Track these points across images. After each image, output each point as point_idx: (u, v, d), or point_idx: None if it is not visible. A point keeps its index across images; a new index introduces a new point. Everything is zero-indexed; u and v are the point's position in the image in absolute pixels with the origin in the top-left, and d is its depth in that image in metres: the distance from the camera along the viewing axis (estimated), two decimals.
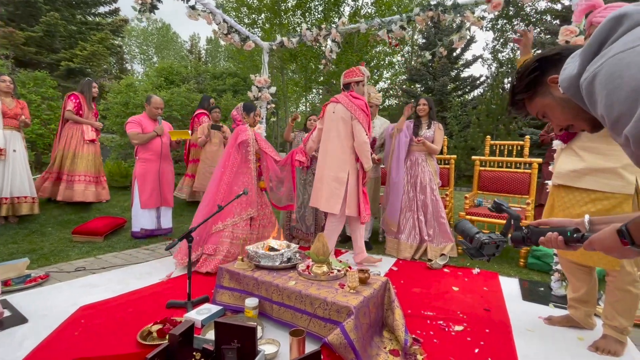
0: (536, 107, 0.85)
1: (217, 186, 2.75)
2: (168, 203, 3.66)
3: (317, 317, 1.61)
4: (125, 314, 1.90)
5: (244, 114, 2.91)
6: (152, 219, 3.57)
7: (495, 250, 0.98)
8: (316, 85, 12.93)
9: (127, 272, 2.58)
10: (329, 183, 2.74)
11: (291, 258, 2.05)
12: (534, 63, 0.82)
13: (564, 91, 0.69)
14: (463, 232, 1.07)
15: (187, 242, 1.96)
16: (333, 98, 2.83)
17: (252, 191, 2.79)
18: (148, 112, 3.57)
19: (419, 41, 15.71)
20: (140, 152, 3.55)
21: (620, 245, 0.68)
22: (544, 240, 0.88)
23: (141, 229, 3.51)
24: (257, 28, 9.71)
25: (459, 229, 1.08)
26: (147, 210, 3.52)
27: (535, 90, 0.83)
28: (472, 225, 1.08)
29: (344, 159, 2.72)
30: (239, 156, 2.81)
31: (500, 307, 2.15)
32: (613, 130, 0.58)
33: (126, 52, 27.54)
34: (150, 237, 3.55)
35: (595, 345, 1.67)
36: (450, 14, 2.69)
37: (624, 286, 1.60)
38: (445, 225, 3.24)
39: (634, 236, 0.65)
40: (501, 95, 10.62)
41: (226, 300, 1.97)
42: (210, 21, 3.27)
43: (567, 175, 1.64)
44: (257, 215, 2.87)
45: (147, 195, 3.47)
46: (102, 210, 4.58)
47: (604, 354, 1.62)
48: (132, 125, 3.46)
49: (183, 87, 6.96)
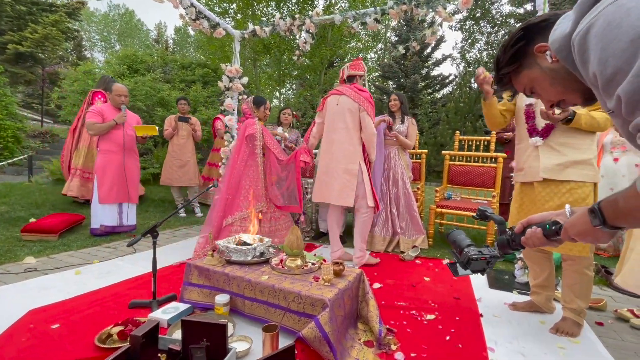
0: (523, 82, 0.78)
1: (227, 180, 2.77)
2: (132, 199, 3.44)
3: (291, 311, 1.57)
4: (82, 316, 1.75)
5: (254, 107, 2.91)
6: (113, 215, 3.34)
7: (486, 266, 0.92)
8: (290, 79, 12.76)
9: (85, 272, 2.39)
10: (340, 176, 2.64)
11: (264, 252, 1.99)
12: (518, 32, 0.75)
13: (555, 53, 0.63)
14: (454, 243, 1.00)
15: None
16: (334, 90, 2.75)
17: (259, 185, 2.80)
18: (111, 101, 3.33)
19: (392, 38, 15.96)
20: (101, 143, 3.31)
21: (592, 227, 0.66)
22: (525, 239, 0.83)
23: (101, 226, 3.28)
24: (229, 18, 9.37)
25: (451, 239, 1.02)
26: (108, 206, 3.28)
27: (521, 62, 0.76)
28: (465, 236, 1.00)
29: (353, 150, 2.66)
30: (247, 149, 2.81)
31: (468, 295, 2.23)
32: (605, 92, 0.52)
33: (85, 39, 25.66)
34: (111, 234, 3.32)
35: (556, 327, 1.76)
36: (423, 8, 2.72)
37: (582, 269, 1.71)
38: (417, 217, 3.31)
39: (606, 215, 0.63)
40: (469, 94, 11.06)
41: (195, 297, 1.87)
42: (177, 5, 3.07)
43: (553, 169, 1.71)
44: (267, 210, 2.83)
45: (106, 190, 3.24)
46: (58, 207, 4.24)
47: (563, 335, 1.72)
48: (90, 115, 3.21)
49: (148, 75, 6.56)
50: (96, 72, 6.96)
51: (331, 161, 2.69)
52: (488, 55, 16.19)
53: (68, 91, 6.47)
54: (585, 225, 0.68)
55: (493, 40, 16.36)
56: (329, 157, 2.71)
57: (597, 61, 0.50)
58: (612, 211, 0.62)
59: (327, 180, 2.70)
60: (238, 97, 3.63)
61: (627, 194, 0.58)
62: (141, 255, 2.83)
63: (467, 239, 0.99)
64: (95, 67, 7.60)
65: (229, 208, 2.70)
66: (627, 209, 0.58)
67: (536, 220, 0.84)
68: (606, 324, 1.90)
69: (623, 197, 0.59)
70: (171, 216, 2.09)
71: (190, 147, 4.54)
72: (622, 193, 0.60)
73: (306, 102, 12.66)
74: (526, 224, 0.85)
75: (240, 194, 2.73)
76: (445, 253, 3.17)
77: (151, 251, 1.90)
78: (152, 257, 1.87)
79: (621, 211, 0.60)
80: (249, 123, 2.81)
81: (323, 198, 2.75)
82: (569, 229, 0.72)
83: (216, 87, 6.88)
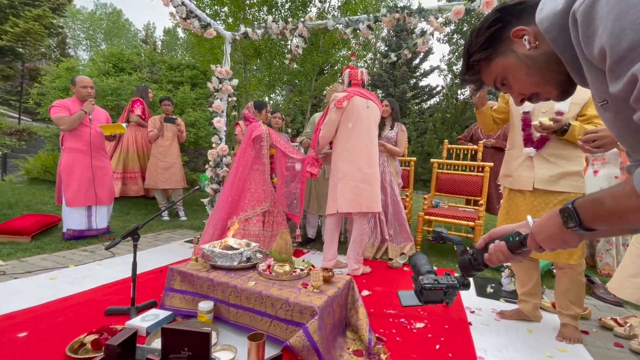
0: (495, 71, 0.69)
1: (232, 182, 2.78)
2: (102, 201, 3.23)
3: (278, 319, 1.51)
4: (53, 324, 1.63)
5: (256, 111, 2.99)
6: (81, 219, 3.14)
7: (443, 296, 0.81)
8: (280, 84, 12.75)
9: (59, 277, 2.25)
10: (378, 182, 2.62)
11: (251, 257, 1.93)
12: (494, 14, 0.67)
13: (544, 33, 0.57)
14: (414, 267, 0.89)
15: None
16: (357, 92, 2.58)
17: (266, 186, 2.83)
18: (77, 94, 3.13)
19: (382, 48, 16.26)
20: (66, 141, 3.08)
21: (561, 229, 0.60)
22: (488, 255, 0.76)
23: (68, 230, 3.07)
24: (220, 20, 9.30)
25: (411, 263, 0.91)
26: (76, 209, 3.09)
27: (495, 48, 0.67)
28: (426, 261, 0.89)
29: (377, 158, 2.65)
30: (253, 152, 2.82)
31: (457, 303, 2.22)
32: (613, 72, 0.45)
33: (69, 36, 25.00)
34: (80, 238, 3.11)
35: (562, 335, 1.78)
36: (415, 17, 2.75)
37: (576, 276, 1.73)
38: (405, 225, 3.30)
39: (582, 215, 0.57)
40: (455, 105, 11.32)
41: (177, 304, 1.79)
42: (167, 2, 3.01)
43: (548, 180, 1.73)
44: (270, 211, 2.84)
45: (73, 192, 3.04)
46: (32, 208, 4.03)
47: (571, 343, 1.74)
48: (57, 110, 2.98)
49: (135, 74, 6.40)
50: (79, 70, 6.74)
51: (370, 167, 2.55)
52: None
53: (49, 88, 6.22)
54: (554, 227, 0.62)
55: None
56: (365, 163, 2.53)
57: (609, 34, 0.43)
58: (593, 212, 0.56)
59: (367, 188, 2.52)
60: (227, 99, 3.57)
61: (617, 193, 0.53)
62: (120, 259, 2.70)
63: (427, 265, 0.88)
64: (79, 64, 7.35)
65: (233, 209, 2.72)
66: (617, 209, 0.53)
67: (498, 234, 0.78)
68: (591, 332, 1.92)
69: (611, 196, 0.54)
70: (154, 218, 2.00)
71: (175, 149, 4.43)
72: (608, 192, 0.55)
73: (296, 107, 12.63)
74: (488, 239, 0.79)
75: (244, 196, 2.76)
76: (433, 261, 3.16)
77: (131, 255, 1.81)
78: (132, 261, 1.78)
79: (607, 211, 0.55)
80: (255, 126, 2.83)
81: (360, 207, 2.52)
82: (537, 234, 0.66)
83: (205, 89, 6.77)
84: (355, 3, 9.29)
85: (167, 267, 2.29)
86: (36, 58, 13.43)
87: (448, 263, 3.12)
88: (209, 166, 3.48)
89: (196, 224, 4.20)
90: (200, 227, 4.03)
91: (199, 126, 5.85)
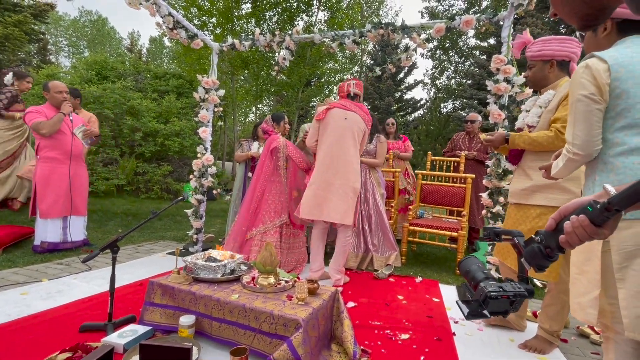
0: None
1: (252, 193, 2.86)
2: (78, 211, 3.12)
3: (262, 332, 1.48)
4: (23, 341, 1.55)
5: (274, 124, 3.06)
6: (56, 231, 3.00)
7: (509, 307, 0.70)
8: (267, 95, 12.80)
9: (31, 292, 2.14)
10: (346, 194, 2.51)
11: (235, 270, 1.90)
12: None
13: None
14: (467, 274, 0.77)
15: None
16: (338, 104, 2.64)
17: (283, 197, 2.88)
18: (51, 101, 3.00)
19: (367, 62, 16.65)
20: (43, 149, 2.93)
21: None
22: (566, 236, 0.63)
23: (42, 243, 2.92)
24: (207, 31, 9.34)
25: (463, 269, 0.79)
26: (51, 221, 2.95)
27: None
28: (480, 265, 0.77)
29: (357, 169, 2.60)
30: (272, 164, 2.89)
31: (441, 313, 2.23)
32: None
33: (51, 43, 24.47)
34: (54, 251, 2.96)
35: (525, 343, 1.80)
36: (399, 34, 2.85)
37: (557, 294, 1.73)
38: (389, 234, 3.33)
39: None
40: (438, 118, 11.65)
41: (157, 319, 1.73)
42: (154, 13, 3.00)
43: (519, 194, 1.78)
44: (287, 223, 2.88)
45: (48, 204, 2.92)
46: (4, 219, 3.85)
47: (531, 351, 1.76)
48: (33, 115, 2.85)
49: (119, 83, 6.30)
50: (60, 77, 6.59)
51: (336, 178, 2.53)
52: (456, 83, 17.24)
53: (28, 94, 6.04)
54: None
55: (460, 69, 17.51)
56: (332, 173, 2.53)
57: None
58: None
59: (327, 197, 2.51)
60: (214, 110, 3.56)
61: None
62: (98, 273, 2.60)
63: (482, 269, 0.76)
64: (61, 71, 7.19)
65: (252, 221, 2.79)
66: None
67: (571, 209, 0.66)
68: (570, 340, 1.96)
69: None
70: (134, 230, 1.95)
71: None
72: None
73: None
74: (559, 218, 0.68)
75: (262, 208, 2.82)
76: (417, 271, 3.20)
77: (109, 268, 1.75)
78: (110, 275, 1.72)
79: None
80: (273, 138, 2.92)
81: (320, 215, 2.52)
82: None
83: (191, 98, 6.73)
84: (341, 18, 9.55)
85: (147, 280, 2.23)
86: (15, 64, 13.05)
87: (432, 274, 3.15)
88: (194, 176, 3.43)
89: (179, 236, 4.10)
90: (182, 238, 3.94)
91: (184, 135, 5.78)
